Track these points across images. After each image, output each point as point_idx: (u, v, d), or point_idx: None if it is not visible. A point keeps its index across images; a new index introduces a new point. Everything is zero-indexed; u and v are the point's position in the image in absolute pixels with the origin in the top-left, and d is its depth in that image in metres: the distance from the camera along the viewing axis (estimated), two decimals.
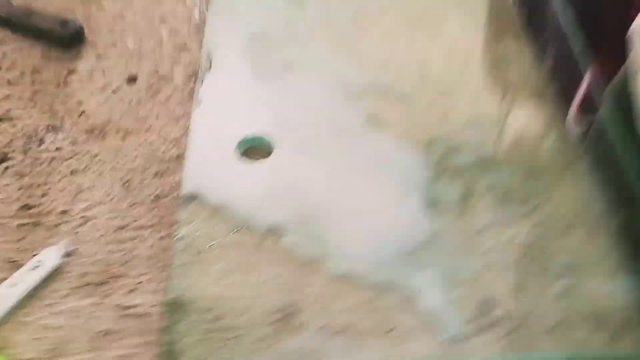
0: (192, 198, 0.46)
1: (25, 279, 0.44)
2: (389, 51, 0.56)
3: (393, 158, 0.48)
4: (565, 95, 0.52)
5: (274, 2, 0.62)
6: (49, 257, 0.45)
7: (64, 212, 0.48)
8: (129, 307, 0.43)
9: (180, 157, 0.51)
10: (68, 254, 0.45)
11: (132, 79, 0.58)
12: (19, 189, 0.50)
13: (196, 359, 0.39)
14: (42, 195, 0.49)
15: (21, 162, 0.52)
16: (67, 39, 0.60)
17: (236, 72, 0.55)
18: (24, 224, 0.48)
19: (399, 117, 0.51)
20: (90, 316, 0.43)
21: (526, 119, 0.50)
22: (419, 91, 0.53)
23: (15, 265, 0.45)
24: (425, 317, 0.39)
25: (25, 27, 0.62)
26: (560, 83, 0.53)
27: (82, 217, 0.48)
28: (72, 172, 0.51)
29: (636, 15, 0.45)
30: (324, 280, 0.42)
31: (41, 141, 0.53)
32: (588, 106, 0.50)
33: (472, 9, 0.61)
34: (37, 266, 0.44)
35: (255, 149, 0.50)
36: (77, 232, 0.47)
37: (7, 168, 0.51)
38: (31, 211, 0.48)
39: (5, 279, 0.44)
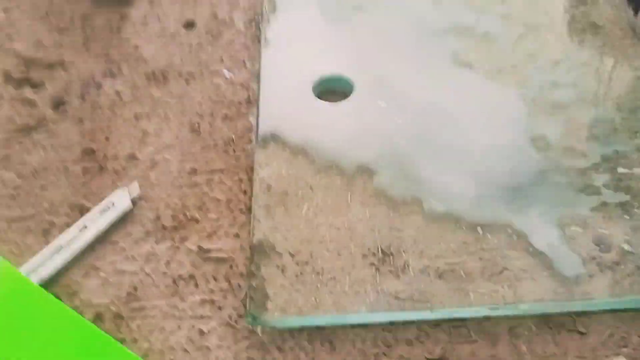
0: (270, 139, 0.43)
1: (96, 221, 0.41)
2: None
3: (486, 94, 0.45)
4: None
5: None
6: (119, 200, 0.42)
7: (130, 156, 0.45)
8: (208, 251, 0.40)
9: (250, 101, 0.48)
10: (139, 197, 0.42)
11: (189, 24, 0.55)
12: (80, 134, 0.47)
13: (287, 302, 0.36)
14: (105, 140, 0.46)
15: (79, 107, 0.49)
16: None
17: (303, 13, 0.52)
18: (88, 169, 0.44)
19: (485, 56, 0.47)
20: (167, 260, 0.40)
21: (622, 56, 0.47)
22: (503, 30, 0.49)
23: (83, 209, 0.42)
24: (539, 257, 0.36)
25: None
26: None
27: (150, 160, 0.45)
28: (135, 116, 0.48)
29: None
30: (423, 220, 0.39)
31: (98, 86, 0.50)
32: None
33: None
34: (108, 208, 0.41)
35: (332, 90, 0.47)
36: (147, 175, 0.44)
37: (64, 113, 0.48)
38: (95, 155, 0.45)
39: (74, 223, 0.41)
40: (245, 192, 0.43)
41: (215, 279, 0.39)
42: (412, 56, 0.48)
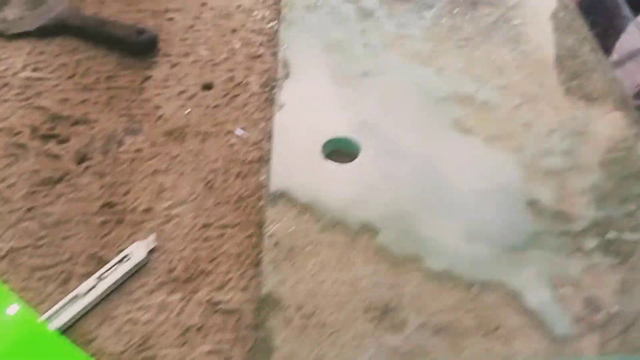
0: (280, 196, 0.46)
1: (112, 272, 0.43)
2: (465, 62, 0.56)
3: (484, 159, 0.47)
4: None
5: (345, 15, 0.63)
6: (136, 252, 0.44)
7: (147, 209, 0.48)
8: (218, 303, 0.42)
9: (262, 159, 0.51)
10: (154, 250, 0.45)
11: (207, 87, 0.59)
12: (101, 188, 0.49)
13: (292, 354, 0.38)
14: (125, 194, 0.49)
15: (101, 162, 0.52)
16: (143, 47, 0.61)
17: (315, 79, 0.56)
18: (107, 221, 0.47)
19: (483, 123, 0.50)
20: (179, 311, 0.42)
21: (614, 126, 0.50)
22: (501, 100, 0.52)
23: (101, 260, 0.44)
24: (531, 316, 0.38)
25: (100, 35, 0.63)
26: None
27: (166, 215, 0.47)
28: (153, 172, 0.51)
29: None
30: (422, 277, 0.41)
31: (120, 143, 0.53)
32: None
33: (543, 22, 0.61)
34: (124, 260, 0.44)
35: (340, 151, 0.50)
36: (162, 229, 0.46)
37: (87, 168, 0.51)
38: (114, 209, 0.48)
39: (91, 273, 0.43)
40: (255, 247, 0.45)
41: (223, 330, 0.41)
42: (416, 121, 0.51)
